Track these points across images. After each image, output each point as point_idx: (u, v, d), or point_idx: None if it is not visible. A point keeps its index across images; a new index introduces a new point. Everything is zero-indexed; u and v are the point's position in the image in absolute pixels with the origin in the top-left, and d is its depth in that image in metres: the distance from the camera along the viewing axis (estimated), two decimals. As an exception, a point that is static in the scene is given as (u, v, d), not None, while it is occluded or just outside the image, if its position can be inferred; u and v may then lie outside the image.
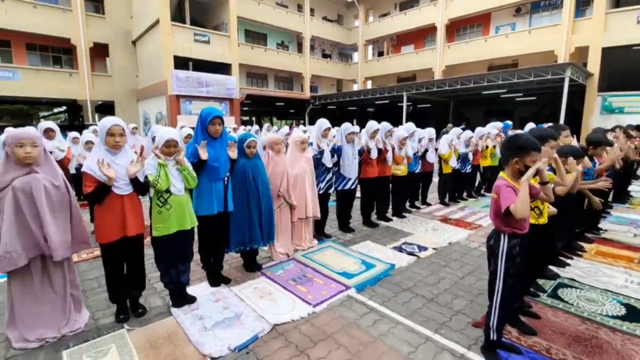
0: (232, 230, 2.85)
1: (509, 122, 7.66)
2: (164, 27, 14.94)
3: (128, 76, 19.12)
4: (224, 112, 17.11)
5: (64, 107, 25.28)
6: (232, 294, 2.64)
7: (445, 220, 4.59)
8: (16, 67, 16.36)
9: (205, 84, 16.01)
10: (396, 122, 20.01)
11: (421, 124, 15.62)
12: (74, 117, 23.62)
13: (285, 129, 8.15)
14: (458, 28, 21.73)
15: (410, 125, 4.75)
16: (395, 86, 17.83)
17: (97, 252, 3.31)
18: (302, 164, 3.34)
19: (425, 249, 3.48)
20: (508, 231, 1.83)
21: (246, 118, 31.04)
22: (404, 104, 16.77)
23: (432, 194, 5.70)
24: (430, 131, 5.16)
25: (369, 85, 26.84)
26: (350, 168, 3.87)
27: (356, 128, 3.85)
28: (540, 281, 2.81)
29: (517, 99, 18.25)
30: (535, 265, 2.41)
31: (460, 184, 5.66)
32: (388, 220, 4.55)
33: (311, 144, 3.71)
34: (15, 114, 27.51)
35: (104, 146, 2.17)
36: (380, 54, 27.38)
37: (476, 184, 6.21)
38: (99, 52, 18.59)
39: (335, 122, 19.35)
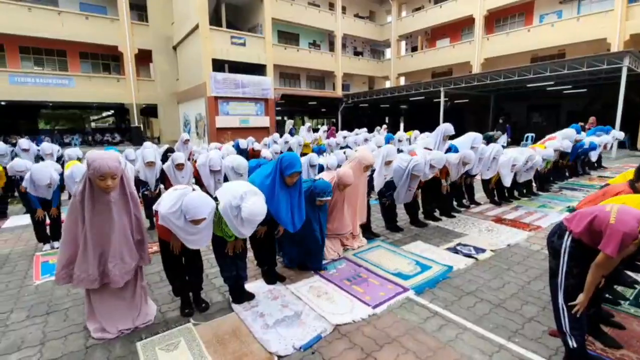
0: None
1: (578, 125, 7.23)
2: (203, 31, 15.48)
3: (169, 80, 20.06)
4: (259, 112, 17.46)
5: (112, 111, 27.08)
6: (289, 292, 2.66)
7: (499, 220, 4.35)
8: (71, 74, 17.70)
9: (241, 84, 16.42)
10: (432, 119, 19.39)
11: (458, 121, 15.16)
12: (120, 120, 25.23)
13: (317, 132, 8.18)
14: (498, 19, 20.70)
15: (470, 155, 4.35)
16: (432, 81, 17.28)
17: (156, 247, 3.48)
18: (361, 180, 3.36)
19: (483, 250, 3.31)
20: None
21: (279, 118, 31.59)
22: (441, 100, 16.21)
23: (480, 193, 5.44)
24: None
25: (402, 81, 26.29)
26: (403, 196, 3.90)
27: (419, 164, 3.77)
28: (619, 288, 2.58)
29: (565, 92, 17.05)
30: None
31: (513, 183, 5.33)
32: (437, 219, 4.40)
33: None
34: (70, 118, 29.84)
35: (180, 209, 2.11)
36: (414, 49, 26.69)
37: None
38: (143, 57, 19.67)
39: (367, 120, 19.05)
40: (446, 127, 4.84)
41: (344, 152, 5.64)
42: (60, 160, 6.93)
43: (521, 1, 18.43)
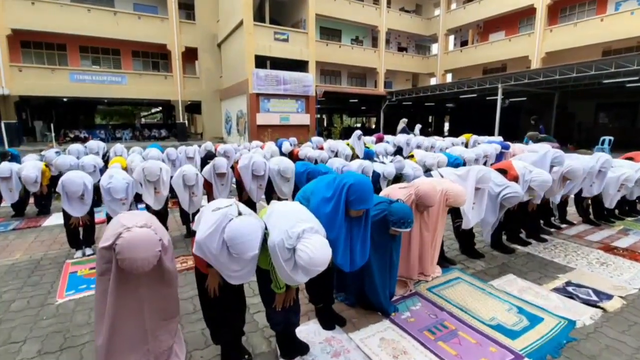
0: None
1: None
2: (247, 27, 15.33)
3: (213, 77, 20.33)
4: (299, 109, 17.05)
5: (160, 107, 28.23)
6: (353, 345, 2.02)
7: (610, 249, 3.40)
8: (124, 72, 18.47)
9: (282, 81, 16.10)
10: (484, 119, 17.89)
11: (514, 122, 13.68)
12: (167, 116, 26.18)
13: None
14: (563, 8, 18.67)
15: (576, 170, 3.32)
16: (489, 77, 15.83)
17: (191, 261, 3.01)
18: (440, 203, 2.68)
19: (608, 297, 2.46)
20: None
21: (318, 116, 31.19)
22: (499, 98, 14.74)
23: (570, 207, 4.45)
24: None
25: (449, 78, 24.72)
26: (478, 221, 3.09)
27: (516, 194, 2.89)
28: None
29: (647, 89, 14.83)
30: None
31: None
32: (525, 243, 3.54)
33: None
34: (123, 114, 31.73)
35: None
36: (463, 43, 25.01)
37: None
38: (189, 55, 20.10)
39: (411, 119, 17.88)
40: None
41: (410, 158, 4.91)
42: (105, 157, 6.88)
43: (594, -13, 16.38)
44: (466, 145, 8.95)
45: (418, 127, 13.70)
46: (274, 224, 1.60)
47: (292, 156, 6.69)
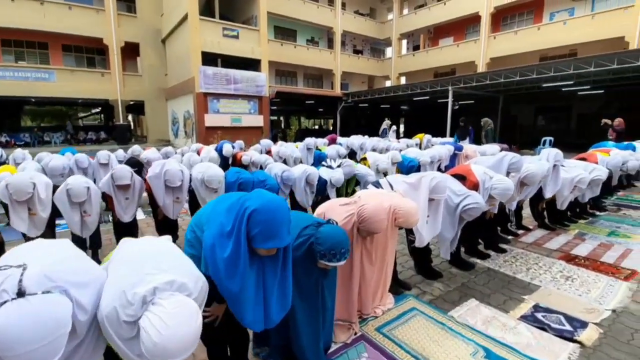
0: None
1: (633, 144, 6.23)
2: (192, 21, 14.24)
3: (157, 75, 18.82)
4: (252, 110, 16.21)
5: (99, 108, 25.68)
6: None
7: (571, 259, 3.16)
8: (52, 68, 16.45)
9: (233, 80, 15.17)
10: (436, 121, 18.38)
11: (468, 122, 14.01)
12: (108, 117, 23.86)
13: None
14: (505, 16, 19.77)
15: (534, 175, 3.08)
16: (440, 80, 16.17)
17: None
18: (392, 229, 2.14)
19: (582, 324, 2.12)
20: None
21: (274, 118, 30.34)
22: (449, 100, 15.08)
23: (524, 210, 4.25)
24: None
25: (403, 81, 25.24)
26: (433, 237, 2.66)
27: (478, 205, 2.35)
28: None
29: (580, 93, 16.03)
30: None
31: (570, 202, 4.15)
32: (484, 256, 3.19)
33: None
34: (56, 115, 28.47)
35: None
36: (416, 47, 25.68)
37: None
38: (130, 51, 18.45)
39: (366, 121, 18.07)
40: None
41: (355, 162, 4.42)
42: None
43: (531, -2, 17.47)
44: (420, 146, 8.81)
45: (393, 128, 13.62)
46: (110, 280, 0.96)
47: (236, 161, 5.98)
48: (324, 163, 4.50)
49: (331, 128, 28.89)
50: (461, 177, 2.77)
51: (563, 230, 4.04)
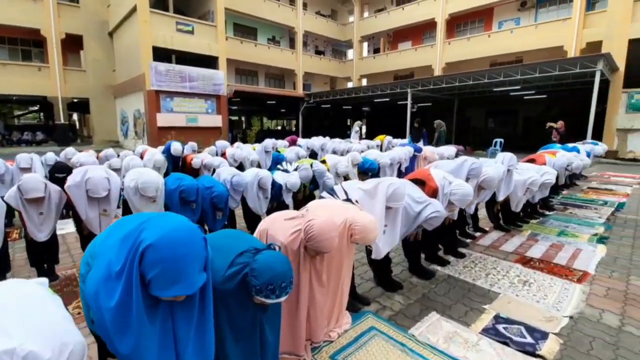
0: None
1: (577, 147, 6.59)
2: (141, 13, 13.27)
3: (104, 71, 17.41)
4: (210, 110, 15.48)
5: (38, 106, 23.26)
6: None
7: (526, 262, 3.15)
8: (-19, 60, 14.62)
9: (188, 78, 14.37)
10: (396, 122, 18.81)
11: (423, 125, 14.39)
12: (47, 116, 21.67)
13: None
14: (459, 23, 20.70)
15: (491, 179, 3.06)
16: (399, 82, 16.52)
17: None
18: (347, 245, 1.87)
19: (542, 335, 2.05)
20: None
21: (235, 118, 29.42)
22: (408, 102, 15.44)
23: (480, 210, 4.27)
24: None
25: (364, 83, 25.61)
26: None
27: (439, 214, 2.17)
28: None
29: (525, 97, 17.15)
30: None
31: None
32: (444, 263, 3.10)
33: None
34: (-12, 112, 25.40)
35: None
36: (376, 50, 26.18)
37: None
38: (72, 44, 16.92)
39: (329, 122, 18.10)
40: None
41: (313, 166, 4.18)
42: None
43: (481, 7, 18.41)
44: (381, 148, 8.81)
45: (355, 129, 13.53)
46: None
47: (186, 165, 5.51)
48: (279, 166, 4.23)
49: (294, 129, 28.58)
50: (420, 182, 2.64)
51: (517, 231, 4.11)
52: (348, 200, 2.14)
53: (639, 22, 11.84)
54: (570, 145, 7.27)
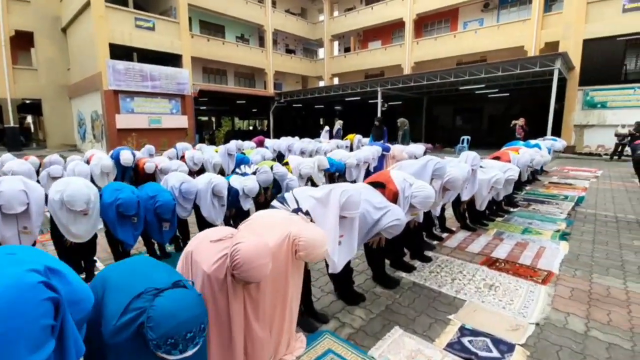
0: None
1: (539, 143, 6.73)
2: (96, 8, 12.44)
3: (57, 69, 16.25)
4: (174, 110, 14.80)
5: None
6: None
7: (492, 264, 3.08)
8: None
9: (150, 77, 13.64)
10: (369, 121, 18.92)
11: (393, 124, 14.51)
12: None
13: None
14: (426, 23, 21.08)
15: (455, 179, 2.94)
16: (369, 81, 16.55)
17: None
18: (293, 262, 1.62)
19: (509, 347, 1.93)
20: None
21: (205, 118, 28.48)
22: (379, 101, 15.50)
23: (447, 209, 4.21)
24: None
25: (336, 82, 25.57)
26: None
27: (399, 222, 1.98)
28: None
29: (490, 96, 17.71)
30: None
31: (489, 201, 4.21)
32: (410, 269, 2.95)
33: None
34: None
35: None
36: (347, 49, 26.21)
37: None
38: (22, 41, 15.66)
39: (301, 121, 17.94)
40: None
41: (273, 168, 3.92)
42: None
43: (446, 7, 18.82)
44: (351, 147, 8.69)
45: (326, 128, 13.27)
46: None
47: (138, 170, 5.09)
48: (237, 170, 3.95)
49: (266, 129, 28.09)
50: (381, 185, 2.48)
51: (483, 230, 4.07)
52: (299, 209, 1.92)
53: (592, 24, 12.44)
54: (532, 142, 7.45)
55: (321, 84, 26.09)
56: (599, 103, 12.57)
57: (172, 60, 14.94)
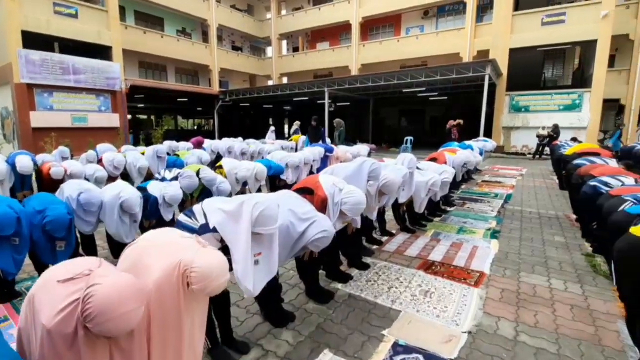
0: None
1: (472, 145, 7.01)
2: (3, -11, 10.76)
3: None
4: (103, 108, 13.39)
5: None
6: None
7: (429, 268, 3.03)
8: None
9: (73, 70, 12.17)
10: (318, 121, 18.86)
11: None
12: None
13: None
14: (372, 27, 21.65)
15: (392, 183, 2.82)
16: (317, 81, 16.50)
17: None
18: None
19: (439, 360, 1.82)
20: None
21: (144, 117, 26.37)
22: (326, 101, 15.49)
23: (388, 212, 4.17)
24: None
25: (285, 82, 25.24)
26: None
27: (326, 234, 1.91)
28: None
29: (431, 99, 18.64)
30: None
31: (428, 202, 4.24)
32: (346, 279, 2.78)
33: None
34: None
35: None
36: (296, 49, 26.00)
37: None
38: None
39: (251, 121, 17.40)
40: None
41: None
42: None
43: (390, 13, 19.47)
44: (295, 149, 8.46)
45: (272, 129, 12.76)
46: None
47: (43, 177, 4.35)
48: (157, 175, 3.51)
49: (212, 129, 26.81)
50: (309, 191, 2.27)
51: (422, 231, 4.08)
52: (206, 225, 1.63)
53: (517, 35, 13.62)
54: (466, 143, 7.85)
55: (270, 83, 25.58)
56: (523, 107, 13.82)
57: (102, 52, 13.51)
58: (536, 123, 13.34)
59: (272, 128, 13.06)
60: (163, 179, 3.34)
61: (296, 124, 12.16)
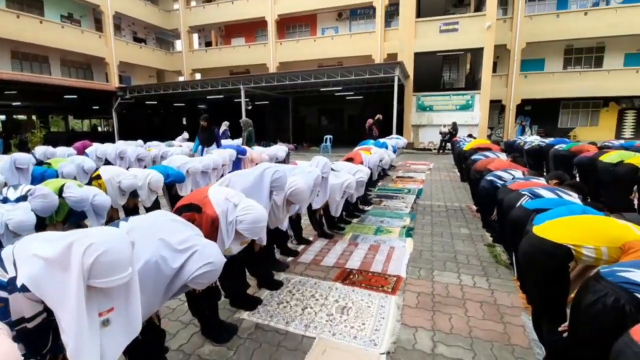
0: None
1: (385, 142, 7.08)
2: None
3: None
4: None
5: None
6: None
7: (346, 278, 2.82)
8: None
9: None
10: (235, 121, 18.02)
11: (260, 124, 14.12)
12: None
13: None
14: (288, 25, 21.47)
15: (300, 191, 2.57)
16: (232, 78, 15.61)
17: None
18: None
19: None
20: None
21: (23, 117, 21.86)
22: (242, 100, 14.76)
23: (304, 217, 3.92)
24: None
25: (198, 78, 23.49)
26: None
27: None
28: None
29: (347, 98, 19.22)
30: None
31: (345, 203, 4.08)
32: (254, 304, 2.37)
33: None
34: None
35: None
36: (208, 44, 24.37)
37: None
38: None
39: (160, 121, 15.69)
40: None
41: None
42: None
43: (305, 12, 19.53)
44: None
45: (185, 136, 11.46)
46: None
47: None
48: (2, 192, 2.65)
49: (112, 130, 23.57)
50: (196, 208, 1.84)
51: (340, 235, 3.92)
52: (13, 280, 1.09)
53: (419, 40, 14.79)
54: (381, 140, 8.12)
55: (181, 79, 23.51)
56: (427, 107, 15.12)
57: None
58: (439, 121, 14.71)
59: (185, 134, 11.86)
60: (5, 200, 2.50)
61: (224, 125, 11.12)
